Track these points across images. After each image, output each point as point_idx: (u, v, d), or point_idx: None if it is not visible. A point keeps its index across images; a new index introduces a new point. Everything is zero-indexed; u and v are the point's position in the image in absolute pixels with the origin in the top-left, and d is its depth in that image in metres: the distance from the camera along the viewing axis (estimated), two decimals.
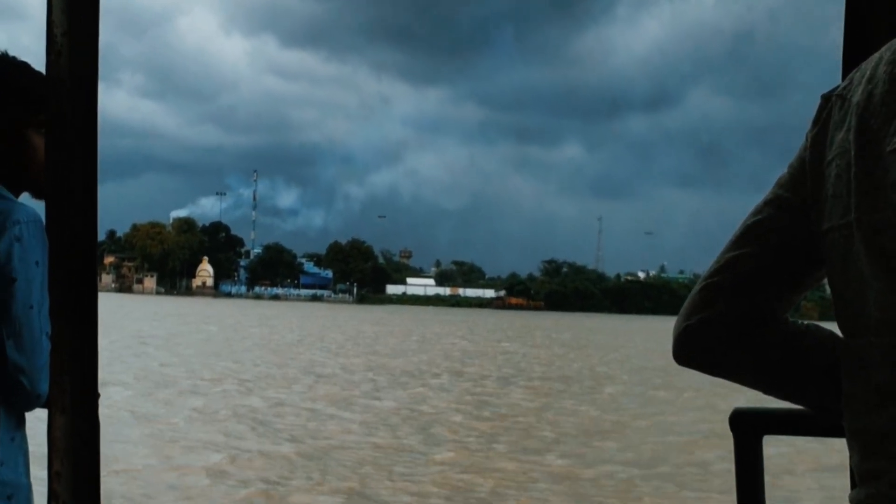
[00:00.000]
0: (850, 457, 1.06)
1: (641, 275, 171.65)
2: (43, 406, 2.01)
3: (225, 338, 39.84)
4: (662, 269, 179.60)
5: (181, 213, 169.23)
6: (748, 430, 1.35)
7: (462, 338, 49.63)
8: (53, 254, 1.41)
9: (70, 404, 1.38)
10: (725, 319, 1.17)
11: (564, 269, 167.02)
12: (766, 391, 1.24)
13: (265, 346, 35.73)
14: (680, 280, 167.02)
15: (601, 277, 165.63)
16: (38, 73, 2.22)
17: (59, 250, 1.40)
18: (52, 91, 1.37)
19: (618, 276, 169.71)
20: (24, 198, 2.25)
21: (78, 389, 1.39)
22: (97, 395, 1.42)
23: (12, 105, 2.23)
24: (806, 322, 1.22)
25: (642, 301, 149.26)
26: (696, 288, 1.21)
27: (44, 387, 2.11)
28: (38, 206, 2.17)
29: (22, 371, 2.09)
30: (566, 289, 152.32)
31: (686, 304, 1.21)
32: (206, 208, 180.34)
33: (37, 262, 2.11)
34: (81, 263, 1.40)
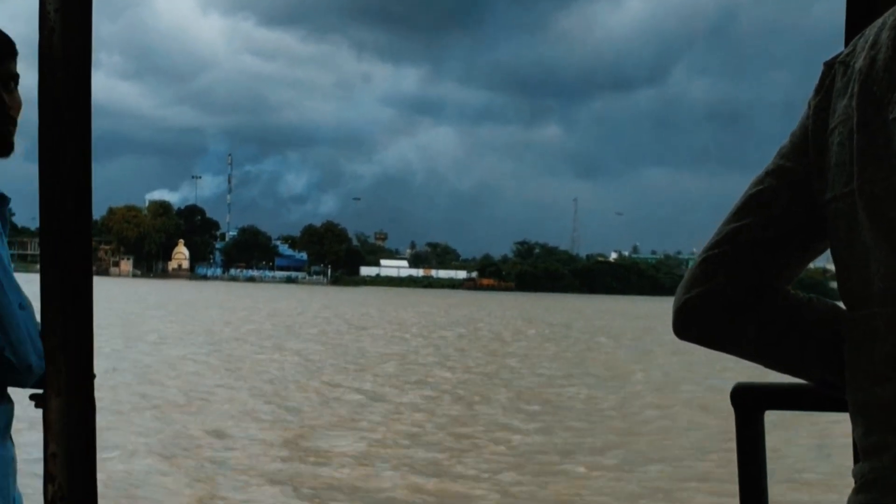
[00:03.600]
0: (854, 430, 1.05)
1: (614, 255, 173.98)
2: (38, 386, 1.96)
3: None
4: (635, 249, 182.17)
5: (173, 195, 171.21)
6: (749, 405, 1.35)
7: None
8: (46, 235, 1.38)
9: (65, 386, 1.37)
10: (726, 292, 1.16)
11: (536, 251, 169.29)
12: (768, 365, 1.23)
13: None
14: (649, 261, 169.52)
15: (572, 258, 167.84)
16: None
17: (53, 231, 1.37)
18: (46, 69, 1.34)
19: (588, 256, 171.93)
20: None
21: (73, 371, 1.38)
22: (93, 377, 1.42)
23: None
24: (808, 294, 1.21)
25: (611, 282, 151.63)
26: (697, 260, 1.19)
27: (31, 358, 2.06)
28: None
29: (1, 347, 2.05)
30: (536, 269, 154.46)
31: (686, 276, 1.19)
32: (207, 188, 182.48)
33: None
34: (76, 244, 1.37)
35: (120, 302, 48.98)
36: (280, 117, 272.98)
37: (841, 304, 1.12)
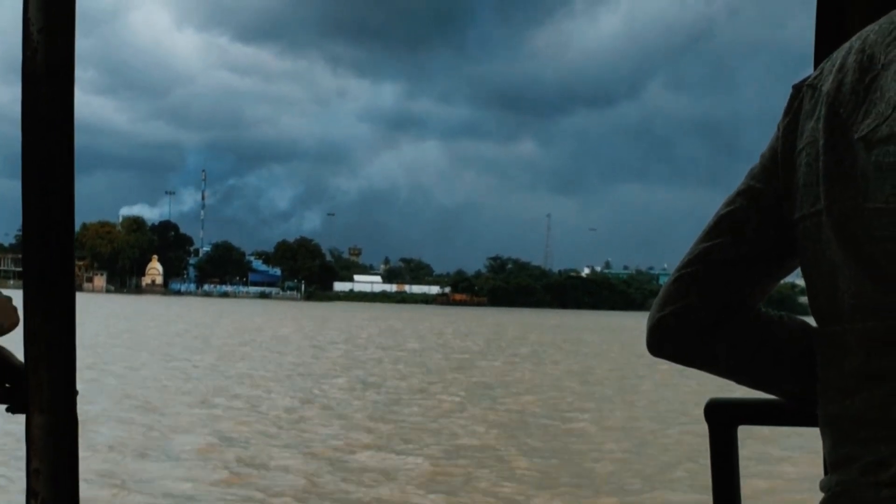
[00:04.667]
0: (823, 444, 1.08)
1: (586, 270, 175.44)
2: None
3: None
4: (608, 264, 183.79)
5: (153, 211, 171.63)
6: (723, 420, 1.37)
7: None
8: (30, 248, 1.38)
9: (48, 402, 1.36)
10: (698, 310, 1.19)
11: (509, 266, 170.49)
12: (741, 381, 1.25)
13: None
14: (620, 276, 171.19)
15: (544, 273, 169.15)
16: None
17: (36, 245, 1.37)
18: (29, 88, 1.35)
19: (560, 272, 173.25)
20: None
21: (56, 386, 1.37)
22: (75, 392, 1.39)
23: None
24: (778, 312, 1.24)
25: (583, 296, 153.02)
26: (670, 279, 1.22)
27: None
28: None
29: None
30: (509, 285, 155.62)
31: (659, 295, 1.22)
32: (187, 203, 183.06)
33: None
34: (59, 258, 1.37)
35: (80, 316, 49.70)
36: (258, 132, 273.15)
37: (810, 321, 1.14)
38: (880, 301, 0.97)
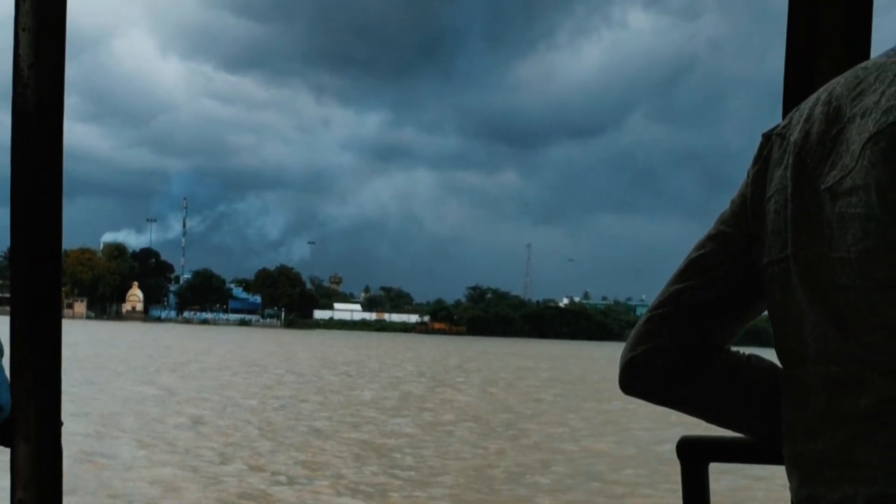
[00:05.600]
0: (790, 483, 1.10)
1: (565, 301, 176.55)
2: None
3: None
4: (586, 295, 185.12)
5: (140, 237, 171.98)
6: (695, 457, 1.40)
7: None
8: (18, 282, 1.37)
9: (33, 432, 1.35)
10: (670, 350, 1.22)
11: (489, 296, 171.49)
12: (710, 420, 1.28)
13: None
14: (598, 307, 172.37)
15: (523, 303, 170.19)
16: None
17: (24, 279, 1.37)
18: (19, 123, 1.36)
19: (538, 302, 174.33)
20: None
21: (42, 417, 1.36)
22: (60, 423, 1.39)
23: None
24: (747, 353, 1.27)
25: (561, 326, 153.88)
26: (642, 319, 1.25)
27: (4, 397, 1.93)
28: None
29: None
30: (488, 314, 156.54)
31: (632, 334, 1.26)
32: (175, 230, 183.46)
33: None
34: (46, 291, 1.37)
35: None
36: (242, 160, 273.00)
37: (777, 362, 1.17)
38: (842, 347, 1.00)
